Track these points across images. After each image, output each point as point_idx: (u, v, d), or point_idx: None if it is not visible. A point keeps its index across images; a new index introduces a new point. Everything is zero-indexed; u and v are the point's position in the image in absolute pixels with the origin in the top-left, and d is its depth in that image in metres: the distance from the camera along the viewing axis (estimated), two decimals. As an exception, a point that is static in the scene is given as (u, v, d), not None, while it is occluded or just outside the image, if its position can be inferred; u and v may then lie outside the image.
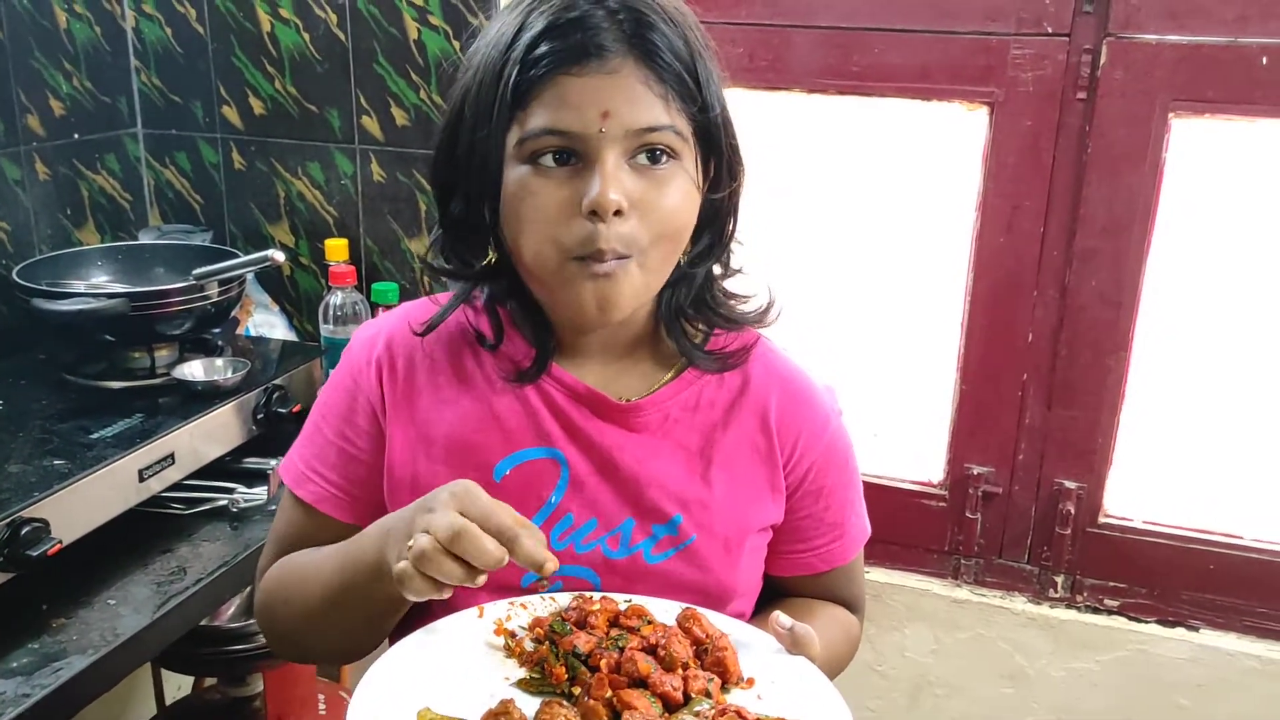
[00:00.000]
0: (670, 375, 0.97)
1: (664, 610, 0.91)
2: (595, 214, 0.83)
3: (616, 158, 0.83)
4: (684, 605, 0.90)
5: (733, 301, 0.98)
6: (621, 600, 0.91)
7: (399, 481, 0.96)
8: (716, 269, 0.97)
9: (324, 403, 1.01)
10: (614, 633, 0.87)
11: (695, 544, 0.95)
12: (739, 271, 0.99)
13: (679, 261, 0.92)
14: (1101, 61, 1.48)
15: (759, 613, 1.04)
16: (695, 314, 0.96)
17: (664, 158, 0.85)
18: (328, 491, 0.98)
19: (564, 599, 0.92)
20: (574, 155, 0.84)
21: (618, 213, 0.83)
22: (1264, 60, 1.42)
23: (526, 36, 0.83)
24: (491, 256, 0.92)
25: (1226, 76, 1.44)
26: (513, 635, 0.88)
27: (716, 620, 0.90)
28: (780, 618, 0.88)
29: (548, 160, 0.84)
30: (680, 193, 0.87)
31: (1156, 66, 1.46)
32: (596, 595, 0.91)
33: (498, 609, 0.90)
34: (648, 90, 0.84)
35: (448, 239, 0.94)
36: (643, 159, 0.85)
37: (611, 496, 0.95)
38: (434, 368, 0.97)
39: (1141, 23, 1.45)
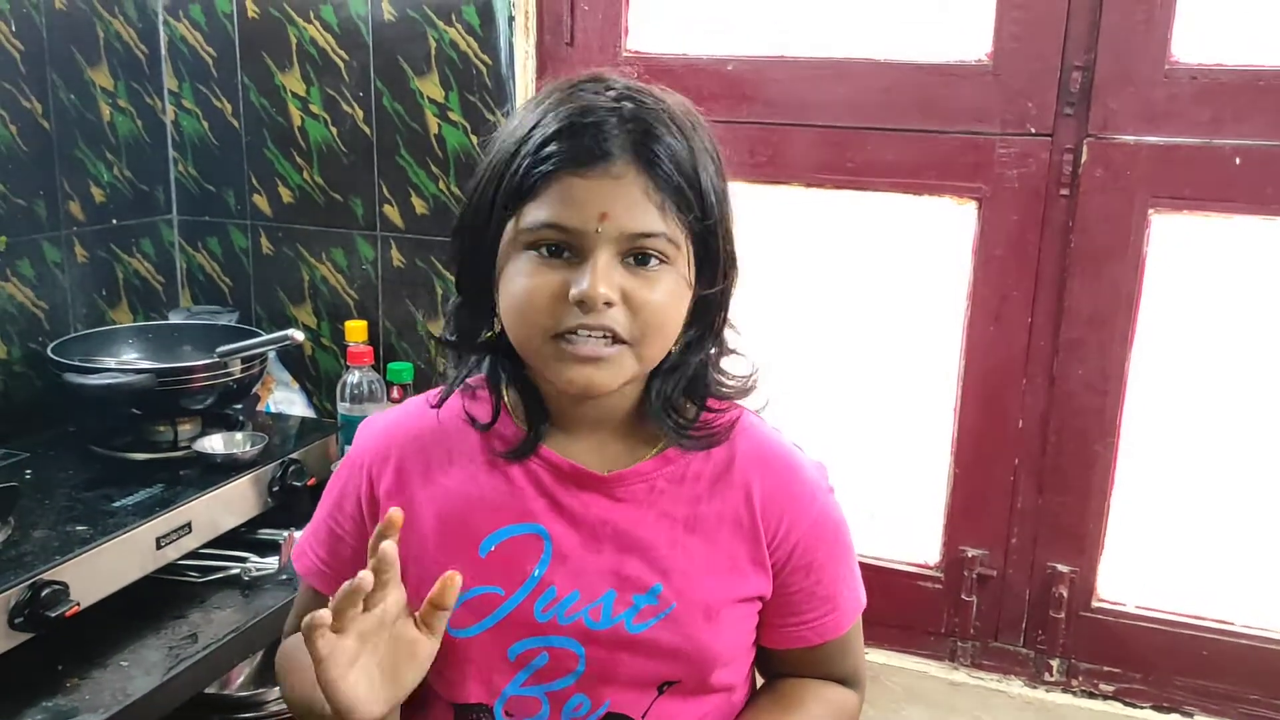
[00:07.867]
0: (659, 448, 1.01)
1: None
2: (583, 304, 0.87)
3: (609, 257, 0.88)
4: None
5: (721, 377, 1.02)
6: None
7: None
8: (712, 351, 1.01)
9: (327, 488, 1.09)
10: None
11: (675, 612, 0.97)
12: (734, 352, 1.03)
13: (670, 351, 0.97)
14: (1082, 160, 1.54)
15: (758, 696, 1.08)
16: (686, 397, 1.00)
17: (654, 261, 0.90)
18: (315, 566, 1.08)
19: None
20: (569, 250, 0.89)
21: (607, 304, 0.88)
22: (1237, 160, 1.48)
23: (539, 134, 0.89)
24: (496, 330, 0.99)
25: (1202, 175, 1.50)
26: None
27: None
28: None
29: (544, 251, 0.90)
30: (668, 291, 0.91)
31: (1135, 165, 1.52)
32: None
33: None
34: (646, 198, 0.89)
35: (460, 312, 1.01)
36: (634, 260, 0.90)
37: (594, 568, 0.98)
38: (427, 456, 1.03)
39: (1120, 124, 1.52)
